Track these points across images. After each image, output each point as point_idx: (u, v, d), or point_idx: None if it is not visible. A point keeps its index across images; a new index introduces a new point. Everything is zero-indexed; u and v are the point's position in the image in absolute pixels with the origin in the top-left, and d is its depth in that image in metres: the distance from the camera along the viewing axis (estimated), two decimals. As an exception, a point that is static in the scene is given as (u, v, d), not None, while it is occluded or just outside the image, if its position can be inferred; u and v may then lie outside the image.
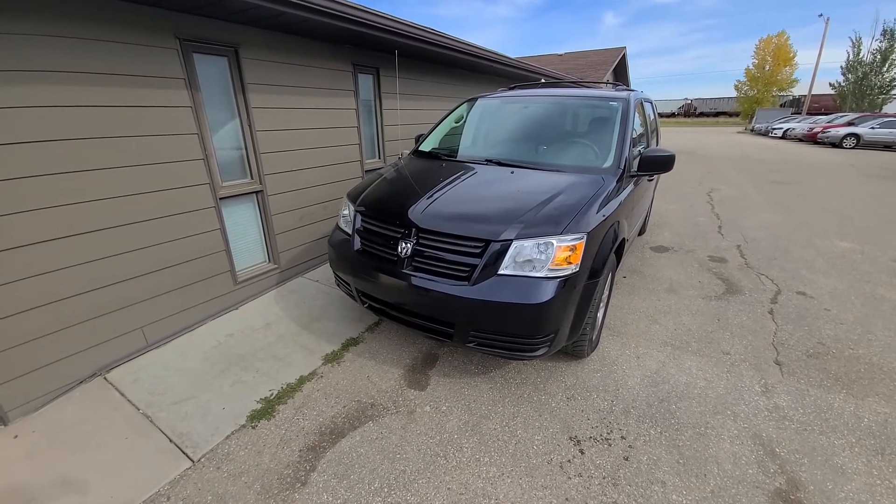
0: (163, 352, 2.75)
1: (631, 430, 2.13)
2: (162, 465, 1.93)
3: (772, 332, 3.03)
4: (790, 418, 2.20)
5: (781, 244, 4.93)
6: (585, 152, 3.04)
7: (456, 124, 3.71)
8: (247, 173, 3.32)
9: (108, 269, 2.46)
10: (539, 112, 3.56)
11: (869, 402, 2.32)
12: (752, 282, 3.88)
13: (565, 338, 2.25)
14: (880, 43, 25.28)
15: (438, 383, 2.51)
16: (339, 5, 3.05)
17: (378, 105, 4.72)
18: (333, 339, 2.94)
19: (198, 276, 2.98)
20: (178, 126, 2.69)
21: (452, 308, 2.17)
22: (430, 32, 4.21)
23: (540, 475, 1.89)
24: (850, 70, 26.67)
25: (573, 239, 2.10)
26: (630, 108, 3.12)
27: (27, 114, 2.06)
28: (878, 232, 5.42)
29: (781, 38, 33.50)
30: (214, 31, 2.85)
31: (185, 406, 2.28)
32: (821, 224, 5.80)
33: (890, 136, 16.58)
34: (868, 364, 2.66)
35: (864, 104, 25.49)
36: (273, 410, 2.27)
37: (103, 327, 2.50)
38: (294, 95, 3.54)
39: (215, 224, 3.03)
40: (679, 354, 2.77)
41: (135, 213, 2.54)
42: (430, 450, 2.03)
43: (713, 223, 5.89)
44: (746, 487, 1.81)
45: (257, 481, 1.86)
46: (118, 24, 2.34)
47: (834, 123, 19.00)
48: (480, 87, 6.68)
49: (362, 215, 2.65)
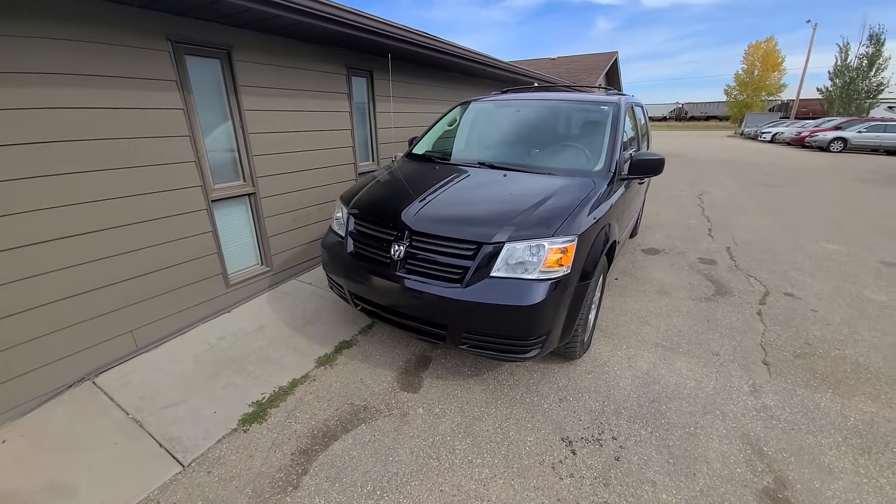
0: (153, 355, 2.73)
1: (622, 431, 2.15)
2: (152, 470, 1.91)
3: (760, 333, 3.07)
4: (778, 418, 2.24)
5: (770, 246, 5.00)
6: (577, 156, 3.07)
7: (449, 127, 3.73)
8: (239, 175, 3.30)
9: (97, 272, 2.44)
10: (531, 116, 3.59)
11: (855, 401, 2.36)
12: (741, 283, 3.94)
13: (557, 339, 2.27)
14: (867, 48, 25.72)
15: (431, 385, 2.51)
16: (332, 9, 3.06)
17: (372, 108, 4.72)
18: (326, 341, 2.93)
19: (189, 279, 2.96)
20: (169, 128, 2.68)
21: (445, 310, 2.17)
22: (423, 36, 4.23)
23: (532, 476, 1.90)
24: (837, 75, 27.06)
25: (564, 241, 2.12)
26: (621, 112, 3.15)
27: (18, 116, 2.04)
28: (865, 234, 5.52)
29: (770, 43, 34.01)
30: (207, 34, 2.84)
31: (175, 410, 2.26)
32: (808, 227, 5.90)
33: (876, 140, 16.91)
34: (854, 364, 2.70)
35: (852, 109, 25.86)
36: (265, 414, 2.26)
37: (92, 331, 2.47)
38: (287, 98, 3.54)
39: (207, 226, 3.02)
40: (669, 355, 2.80)
41: (125, 216, 2.52)
42: (423, 452, 2.03)
43: (703, 226, 5.96)
44: (735, 486, 1.83)
45: (248, 485, 1.85)
46: (110, 27, 2.33)
47: (822, 128, 19.32)
48: (474, 91, 6.72)
49: (355, 218, 2.65)
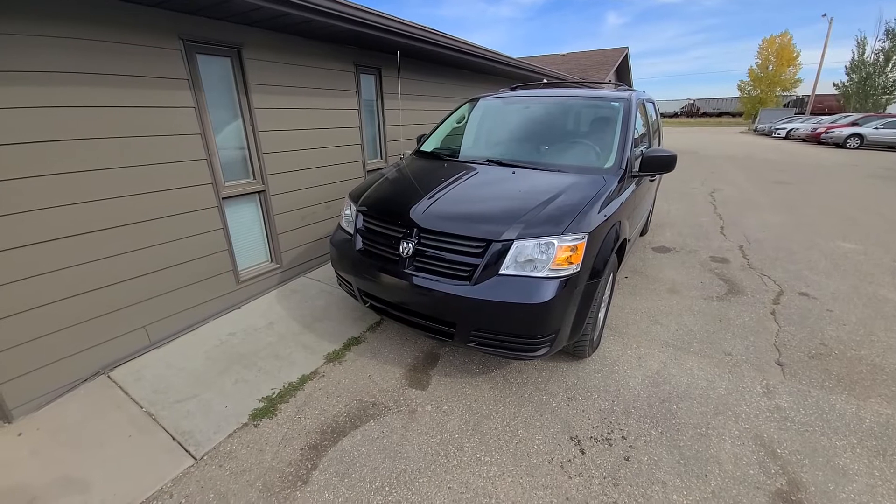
0: (166, 350, 2.77)
1: (632, 431, 2.13)
2: (165, 463, 1.94)
3: (774, 333, 3.02)
4: (792, 419, 2.20)
5: (784, 245, 4.91)
6: (587, 152, 3.04)
7: (458, 124, 3.72)
8: (249, 173, 3.33)
9: (111, 269, 2.48)
10: (541, 112, 3.56)
11: (871, 403, 2.32)
12: (754, 282, 3.87)
13: (566, 338, 2.26)
14: (883, 43, 25.11)
15: (440, 383, 2.52)
16: (341, 6, 3.06)
17: (380, 105, 4.72)
18: (335, 338, 2.95)
19: (200, 276, 3.00)
20: (181, 126, 2.71)
21: (454, 308, 2.17)
22: (431, 33, 4.22)
23: (541, 475, 1.89)
24: (854, 70, 26.49)
25: (574, 239, 2.10)
26: (632, 108, 3.11)
27: (32, 114, 2.07)
28: (882, 233, 5.40)
29: (785, 37, 33.37)
30: (218, 32, 2.86)
31: (187, 404, 2.30)
32: (824, 225, 5.78)
33: (894, 137, 16.50)
34: (870, 365, 2.65)
35: (868, 104, 25.31)
36: (275, 409, 2.29)
37: (106, 326, 2.51)
38: (296, 96, 3.55)
39: (218, 224, 3.05)
40: (680, 355, 2.77)
41: (138, 213, 2.56)
42: (432, 449, 2.04)
43: (715, 223, 5.87)
44: (747, 488, 1.81)
45: (259, 479, 1.87)
46: (122, 26, 2.36)
47: (837, 124, 18.92)
48: (482, 88, 6.68)
49: (364, 215, 2.66)
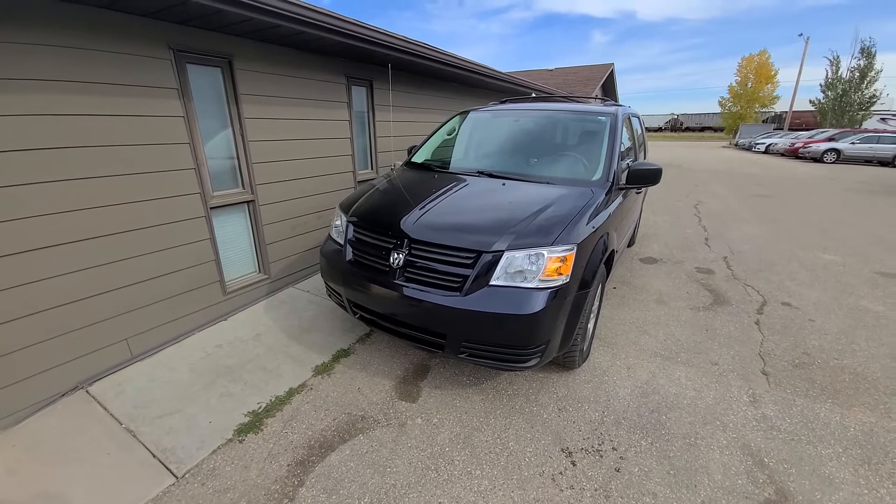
0: (148, 364, 2.69)
1: (622, 442, 2.13)
2: (145, 481, 1.88)
3: (758, 343, 3.07)
4: (778, 428, 2.23)
5: (766, 256, 5.03)
6: (575, 165, 3.09)
7: (448, 136, 3.75)
8: (238, 183, 3.30)
9: (93, 279, 2.42)
10: (530, 125, 3.62)
11: (854, 411, 2.36)
12: (738, 293, 3.95)
13: (556, 348, 2.26)
14: (858, 61, 26.17)
15: (430, 395, 2.49)
16: (333, 19, 3.10)
17: (371, 117, 4.75)
18: (324, 350, 2.91)
19: (186, 287, 2.94)
20: (169, 136, 2.68)
21: (444, 319, 2.16)
22: (422, 46, 4.28)
23: (532, 488, 1.88)
24: (829, 87, 27.50)
25: (564, 250, 2.13)
26: (618, 122, 3.19)
27: (19, 122, 2.04)
28: (860, 244, 5.56)
29: (763, 56, 34.54)
30: (209, 43, 2.86)
31: (169, 420, 2.23)
32: (804, 237, 5.94)
33: (869, 151, 17.16)
34: (853, 374, 2.70)
35: (845, 120, 26.20)
36: (261, 424, 2.23)
37: (86, 338, 2.44)
38: (287, 106, 3.56)
39: (205, 234, 3.01)
40: (669, 365, 2.79)
41: (123, 223, 2.51)
42: (422, 463, 2.01)
43: (700, 235, 5.99)
44: (736, 498, 1.82)
45: (243, 497, 1.82)
46: (113, 35, 2.35)
47: (815, 139, 19.57)
48: (472, 101, 6.78)
49: (354, 226, 2.65)
